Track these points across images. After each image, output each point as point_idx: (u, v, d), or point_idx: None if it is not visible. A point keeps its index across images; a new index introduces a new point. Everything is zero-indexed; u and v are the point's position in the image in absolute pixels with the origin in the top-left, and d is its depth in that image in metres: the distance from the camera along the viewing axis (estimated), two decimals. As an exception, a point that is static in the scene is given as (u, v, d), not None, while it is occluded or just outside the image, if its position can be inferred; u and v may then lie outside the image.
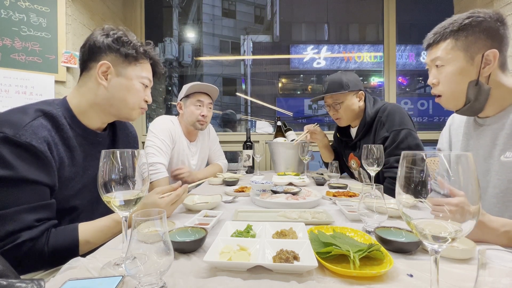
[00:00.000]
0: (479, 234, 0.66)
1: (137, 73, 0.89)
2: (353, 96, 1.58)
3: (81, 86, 0.87)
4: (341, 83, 1.55)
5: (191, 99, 1.71)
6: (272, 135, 2.29)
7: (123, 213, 0.59)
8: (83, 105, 0.86)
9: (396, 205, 0.65)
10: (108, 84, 0.85)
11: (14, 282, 0.42)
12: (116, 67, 0.85)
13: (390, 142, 1.41)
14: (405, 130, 1.40)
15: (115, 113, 0.91)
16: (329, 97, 1.60)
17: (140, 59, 0.90)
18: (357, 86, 1.58)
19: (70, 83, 1.90)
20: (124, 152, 0.58)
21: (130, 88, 0.88)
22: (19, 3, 1.72)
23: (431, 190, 0.39)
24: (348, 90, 1.55)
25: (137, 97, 0.91)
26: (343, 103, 1.57)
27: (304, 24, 6.73)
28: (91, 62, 0.85)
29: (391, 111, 1.46)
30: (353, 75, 1.62)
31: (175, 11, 5.10)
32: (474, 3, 2.22)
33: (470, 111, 0.92)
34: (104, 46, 0.84)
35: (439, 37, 0.89)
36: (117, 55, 0.85)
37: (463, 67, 0.86)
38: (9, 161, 0.67)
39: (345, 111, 1.58)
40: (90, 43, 0.84)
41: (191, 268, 0.57)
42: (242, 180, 1.69)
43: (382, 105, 1.53)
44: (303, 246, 0.60)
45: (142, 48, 0.89)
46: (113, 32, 0.85)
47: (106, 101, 0.87)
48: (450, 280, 0.51)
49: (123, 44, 0.85)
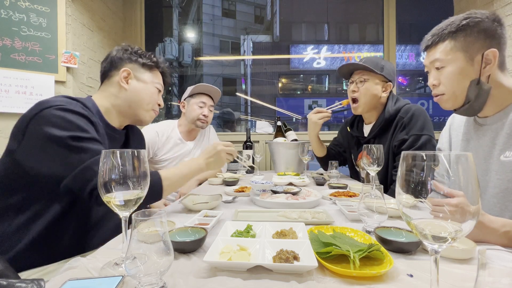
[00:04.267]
0: (479, 234, 0.66)
1: (152, 79, 1.05)
2: (380, 82, 1.48)
3: (103, 91, 1.01)
4: (377, 64, 1.47)
5: (195, 99, 1.77)
6: (272, 135, 2.29)
7: (123, 213, 0.59)
8: (106, 105, 0.98)
9: (396, 205, 0.65)
10: (128, 87, 0.99)
11: (14, 282, 0.42)
12: (135, 73, 1.01)
13: (408, 146, 1.34)
14: (425, 136, 1.33)
15: (132, 113, 1.02)
16: (358, 72, 1.50)
17: (154, 68, 1.06)
18: (390, 76, 1.48)
19: (70, 83, 1.90)
20: (124, 152, 0.58)
21: (146, 90, 1.03)
22: (19, 3, 1.72)
23: (431, 190, 0.39)
24: (379, 72, 1.46)
25: (152, 99, 1.05)
26: (367, 81, 1.47)
27: (304, 24, 6.74)
28: (112, 71, 1.00)
29: (415, 114, 1.37)
30: (391, 65, 1.53)
31: (175, 11, 5.10)
32: (474, 3, 2.22)
33: (469, 111, 0.92)
34: (125, 57, 1.00)
35: (437, 38, 0.89)
36: (136, 64, 1.01)
37: (464, 67, 0.86)
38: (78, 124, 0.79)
39: (365, 92, 1.47)
40: (111, 56, 1.01)
41: (191, 268, 0.57)
42: (242, 180, 1.70)
43: (405, 105, 1.43)
44: (303, 246, 0.60)
45: (155, 59, 1.06)
46: (131, 47, 1.03)
47: (126, 102, 1.00)
48: (450, 280, 0.51)
49: (140, 55, 1.02)
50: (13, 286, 0.41)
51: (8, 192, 0.81)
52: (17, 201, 0.81)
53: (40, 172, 0.79)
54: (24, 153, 0.78)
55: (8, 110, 1.69)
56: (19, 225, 0.81)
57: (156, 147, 1.70)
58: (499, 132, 0.88)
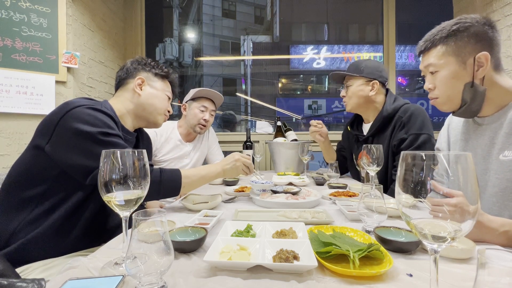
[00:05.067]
0: (478, 234, 0.66)
1: (163, 87, 1.16)
2: (364, 83, 1.51)
3: (118, 97, 1.10)
4: (357, 67, 1.52)
5: (196, 103, 1.77)
6: (272, 135, 2.29)
7: (123, 213, 0.59)
8: (121, 109, 1.07)
9: (395, 204, 0.65)
10: (142, 92, 1.09)
11: (14, 281, 0.42)
12: (148, 81, 1.11)
13: (407, 146, 1.35)
14: (424, 135, 1.34)
15: (146, 116, 1.12)
16: (346, 77, 1.56)
17: (165, 78, 1.17)
18: (372, 75, 1.50)
19: (70, 83, 1.90)
20: (125, 152, 0.58)
21: (158, 97, 1.13)
22: (20, 3, 1.72)
23: (431, 190, 0.39)
24: (359, 75, 1.50)
25: (163, 104, 1.15)
26: (351, 86, 1.53)
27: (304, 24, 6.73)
28: (127, 80, 1.10)
29: (414, 113, 1.39)
30: (374, 63, 1.55)
31: (175, 12, 5.11)
32: (473, 3, 2.23)
33: (467, 113, 0.93)
34: (139, 68, 1.11)
35: (430, 44, 0.92)
36: (149, 73, 1.12)
37: (456, 71, 0.88)
38: (105, 121, 0.88)
39: (351, 95, 1.54)
40: (127, 67, 1.11)
41: (191, 267, 0.57)
42: (242, 180, 1.70)
43: (403, 104, 1.45)
44: (303, 245, 0.60)
45: (166, 70, 1.17)
46: (145, 59, 1.15)
47: (140, 106, 1.09)
48: (449, 279, 0.51)
49: (153, 66, 1.14)
50: (14, 285, 0.41)
51: (34, 182, 0.88)
52: (39, 192, 0.87)
53: (70, 163, 0.85)
54: (55, 147, 0.85)
55: (9, 110, 1.69)
56: (38, 214, 0.86)
57: (155, 147, 1.70)
58: (498, 132, 0.88)
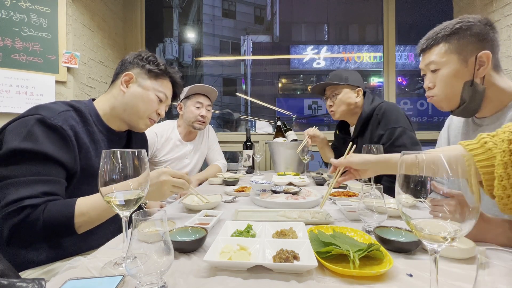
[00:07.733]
0: (478, 234, 0.66)
1: (154, 86, 1.02)
2: (351, 91, 1.62)
3: (107, 93, 1.02)
4: (341, 77, 1.63)
5: (191, 100, 1.76)
6: (272, 135, 2.29)
7: (123, 213, 0.59)
8: (106, 107, 0.99)
9: (395, 204, 0.65)
10: (127, 90, 0.99)
11: (15, 281, 0.42)
12: (138, 79, 1.00)
13: (386, 140, 1.45)
14: (400, 128, 1.43)
15: (127, 118, 1.01)
16: (329, 88, 1.67)
17: (161, 76, 1.04)
18: (356, 82, 1.63)
19: (70, 83, 1.91)
20: (125, 152, 0.58)
21: (144, 97, 1.00)
22: (20, 3, 1.72)
23: (431, 190, 0.39)
24: (345, 83, 1.61)
25: (148, 106, 1.01)
26: (338, 95, 1.63)
27: (304, 24, 6.74)
28: (120, 74, 1.00)
29: (387, 110, 1.50)
30: (355, 73, 1.68)
31: (175, 12, 5.11)
32: (473, 3, 2.23)
33: (465, 112, 0.93)
34: (133, 62, 1.01)
35: (432, 42, 0.92)
36: (142, 70, 1.01)
37: (458, 69, 0.88)
38: (37, 136, 0.77)
39: (339, 104, 1.63)
40: (124, 60, 1.02)
41: (191, 267, 0.57)
42: (242, 180, 1.70)
43: (379, 104, 1.55)
44: (303, 245, 0.60)
45: (164, 67, 1.04)
46: (145, 53, 1.03)
47: (122, 106, 0.99)
48: (449, 279, 0.51)
49: (149, 62, 1.02)
50: (14, 285, 0.41)
51: None
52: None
53: None
54: None
55: (9, 110, 1.69)
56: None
57: (155, 148, 1.69)
58: (498, 132, 0.88)
